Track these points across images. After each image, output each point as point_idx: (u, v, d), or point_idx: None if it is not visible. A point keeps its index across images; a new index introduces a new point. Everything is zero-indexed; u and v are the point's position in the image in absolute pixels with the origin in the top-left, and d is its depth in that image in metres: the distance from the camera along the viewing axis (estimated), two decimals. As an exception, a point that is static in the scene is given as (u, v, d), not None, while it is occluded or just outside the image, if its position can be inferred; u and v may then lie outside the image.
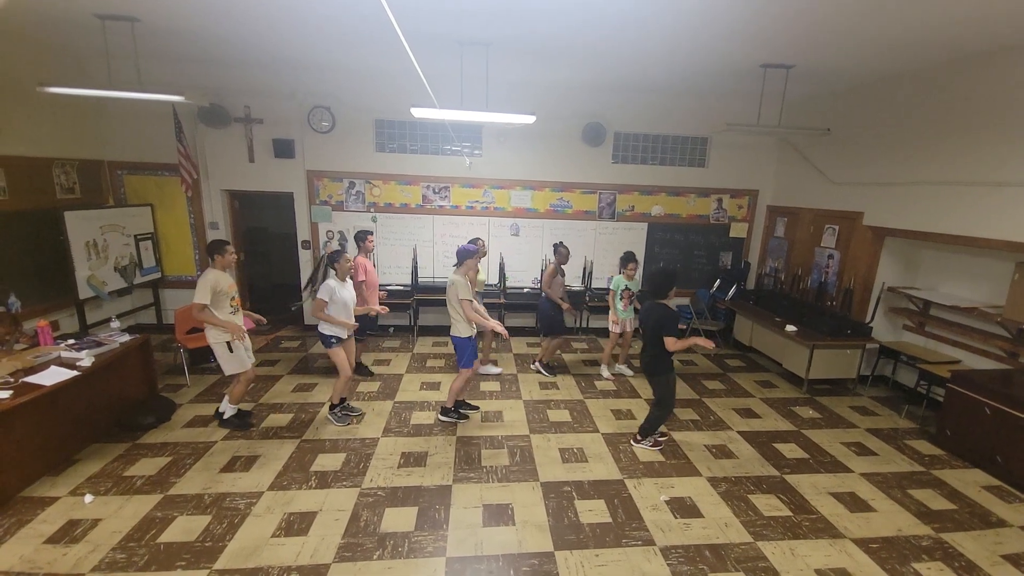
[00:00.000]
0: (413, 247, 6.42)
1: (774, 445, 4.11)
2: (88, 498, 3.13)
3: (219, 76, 5.62)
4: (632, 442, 4.03)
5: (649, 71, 5.05)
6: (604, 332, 6.92)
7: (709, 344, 3.68)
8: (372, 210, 6.32)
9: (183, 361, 4.93)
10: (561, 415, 4.50)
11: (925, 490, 3.55)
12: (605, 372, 5.44)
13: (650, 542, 2.94)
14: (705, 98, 6.14)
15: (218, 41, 4.57)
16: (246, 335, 3.90)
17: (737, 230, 6.90)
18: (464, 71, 4.83)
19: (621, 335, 5.42)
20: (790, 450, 4.04)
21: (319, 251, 6.38)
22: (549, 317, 5.26)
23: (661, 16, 3.45)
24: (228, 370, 3.89)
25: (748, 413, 4.69)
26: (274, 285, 8.40)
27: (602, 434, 4.19)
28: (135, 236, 5.76)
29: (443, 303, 6.41)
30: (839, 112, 5.51)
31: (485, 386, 5.07)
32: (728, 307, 6.48)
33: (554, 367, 5.55)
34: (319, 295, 3.91)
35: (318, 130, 5.99)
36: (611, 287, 5.29)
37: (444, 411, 4.31)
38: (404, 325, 6.67)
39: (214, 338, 3.81)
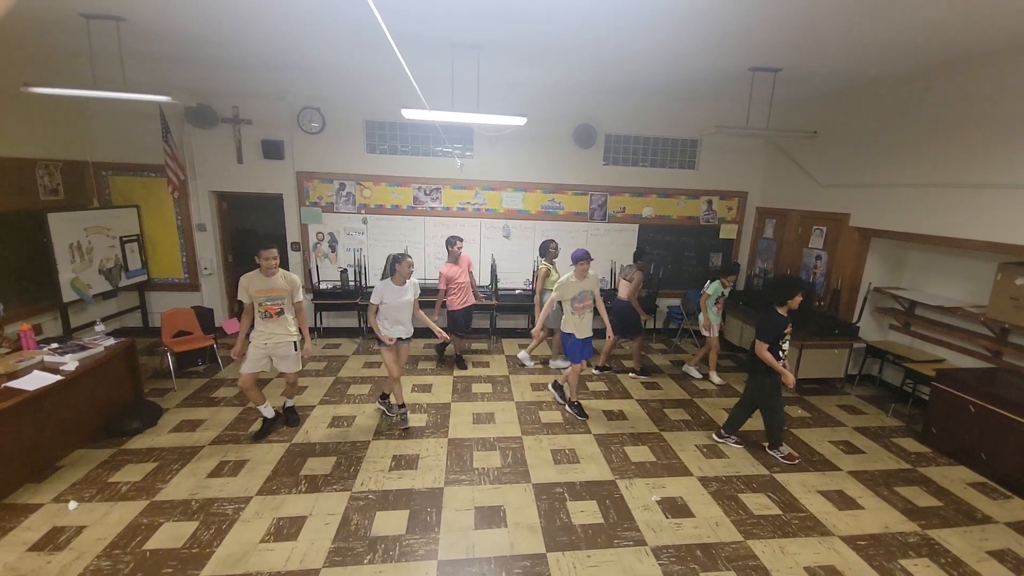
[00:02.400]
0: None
1: (764, 444, 4.14)
2: (72, 505, 3.08)
3: (207, 76, 5.56)
4: (768, 450, 4.01)
5: (639, 74, 5.09)
6: (598, 333, 6.95)
7: (790, 380, 3.71)
8: (363, 212, 6.29)
9: (170, 365, 4.86)
10: (553, 416, 4.50)
11: (912, 487, 3.60)
12: (716, 379, 5.40)
13: (641, 542, 2.95)
14: (695, 101, 6.19)
15: (205, 42, 4.52)
16: (246, 353, 3.83)
17: (727, 231, 6.96)
18: (455, 73, 4.83)
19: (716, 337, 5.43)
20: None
21: (309, 253, 6.33)
22: (632, 320, 5.33)
23: (651, 20, 3.47)
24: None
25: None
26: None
27: (594, 435, 4.20)
28: (120, 238, 5.68)
29: (433, 305, 6.42)
30: (826, 115, 5.58)
31: (477, 387, 5.06)
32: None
33: (648, 368, 5.69)
34: (371, 299, 3.97)
35: (308, 131, 5.95)
36: (708, 292, 5.21)
37: (569, 403, 4.60)
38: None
39: None
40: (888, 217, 4.82)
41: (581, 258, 4.25)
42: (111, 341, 4.10)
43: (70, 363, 3.61)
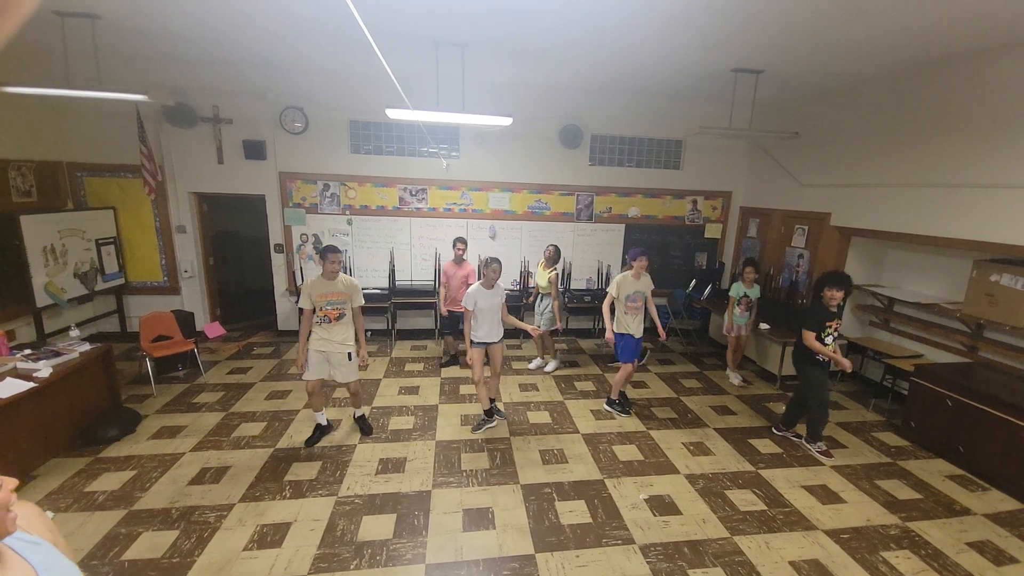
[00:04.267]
0: (390, 250, 6.34)
1: (749, 441, 4.19)
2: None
3: (185, 75, 5.45)
4: (805, 442, 4.11)
5: (624, 74, 5.12)
6: (585, 333, 7.01)
7: (846, 365, 3.76)
8: (347, 212, 6.22)
9: (149, 370, 4.75)
10: (541, 416, 4.50)
11: (892, 481, 3.67)
12: (735, 379, 5.44)
13: (630, 541, 2.96)
14: (679, 101, 6.25)
15: (183, 40, 4.43)
16: (307, 362, 3.76)
17: (712, 231, 7.03)
18: (440, 72, 4.80)
19: (737, 339, 5.46)
20: (764, 445, 4.12)
21: (293, 255, 6.24)
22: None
23: (635, 21, 3.49)
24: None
25: (724, 410, 4.77)
26: (246, 290, 8.19)
27: (582, 435, 4.20)
28: (96, 241, 5.53)
29: (420, 306, 6.38)
30: (807, 116, 5.67)
31: (465, 389, 5.03)
32: (704, 306, 6.59)
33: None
34: (464, 304, 3.98)
35: (290, 131, 5.87)
36: (730, 294, 5.34)
37: (609, 401, 4.62)
38: (381, 329, 6.58)
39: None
40: (867, 216, 4.91)
41: (640, 255, 4.26)
42: (87, 346, 3.99)
43: (44, 370, 3.50)
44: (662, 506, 3.30)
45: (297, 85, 5.68)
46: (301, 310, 3.71)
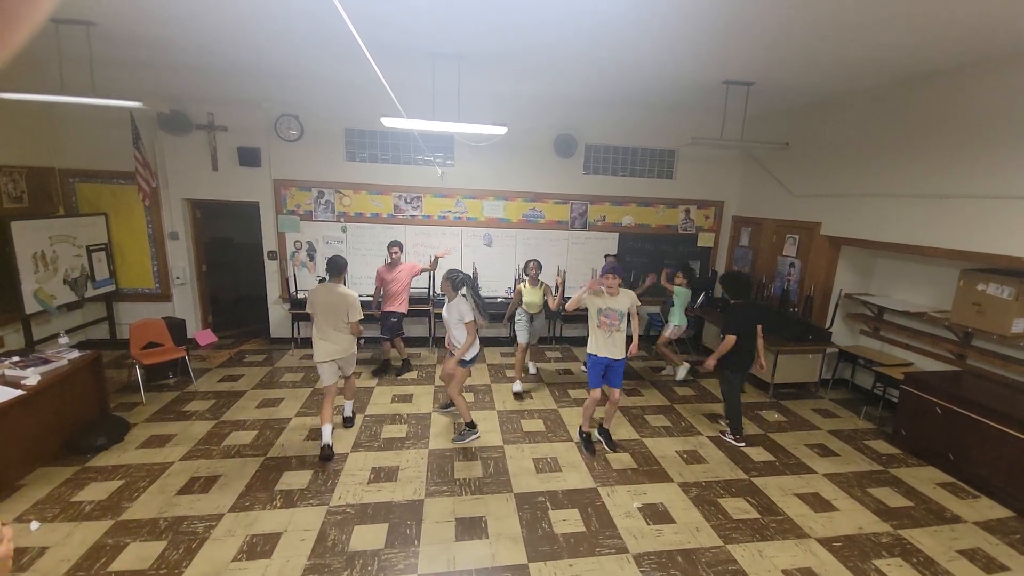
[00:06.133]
0: (384, 257, 6.32)
1: (742, 449, 4.19)
2: (34, 525, 2.93)
3: (180, 82, 5.45)
4: (727, 436, 4.38)
5: (618, 86, 5.18)
6: (577, 341, 7.01)
7: (710, 364, 4.24)
8: (342, 220, 6.22)
9: (138, 378, 4.70)
10: (535, 425, 4.49)
11: (883, 488, 3.69)
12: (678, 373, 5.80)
13: (623, 550, 2.95)
14: (672, 112, 6.32)
15: (179, 47, 4.44)
16: None
17: (704, 240, 7.09)
18: (436, 82, 4.84)
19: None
20: (757, 453, 4.13)
21: (286, 262, 6.22)
22: None
23: (628, 35, 3.55)
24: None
25: (717, 418, 4.78)
26: (239, 297, 8.15)
27: (575, 443, 4.19)
28: (87, 247, 5.48)
29: (414, 313, 6.35)
30: (797, 127, 5.76)
31: (458, 397, 5.01)
32: (696, 315, 6.62)
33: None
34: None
35: (286, 138, 5.88)
36: (685, 298, 5.60)
37: (579, 431, 4.21)
38: (375, 337, 6.54)
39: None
40: (857, 226, 4.97)
41: (608, 271, 3.82)
42: (76, 354, 3.95)
43: (32, 377, 3.46)
44: (655, 514, 3.29)
45: (292, 93, 5.70)
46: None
